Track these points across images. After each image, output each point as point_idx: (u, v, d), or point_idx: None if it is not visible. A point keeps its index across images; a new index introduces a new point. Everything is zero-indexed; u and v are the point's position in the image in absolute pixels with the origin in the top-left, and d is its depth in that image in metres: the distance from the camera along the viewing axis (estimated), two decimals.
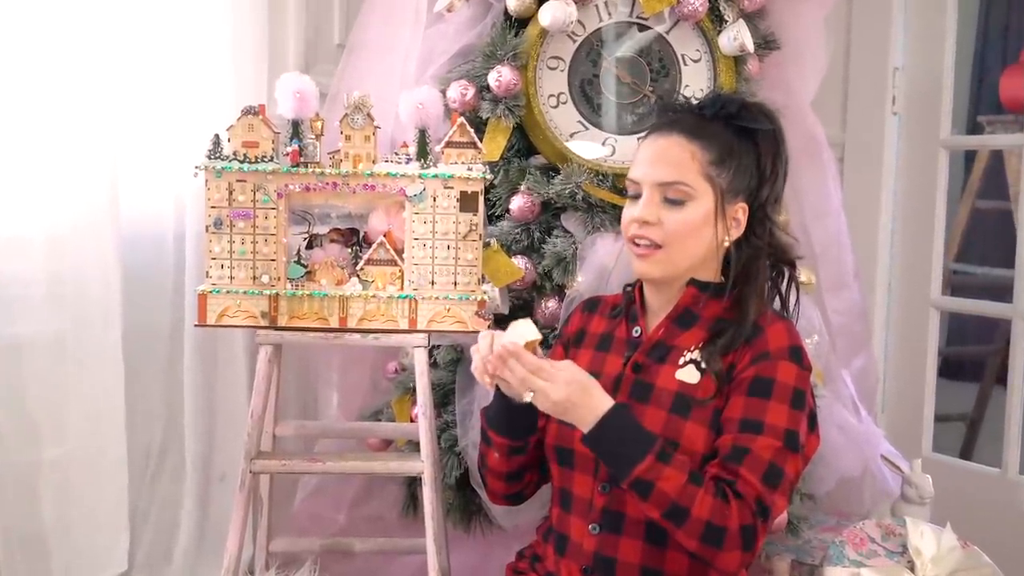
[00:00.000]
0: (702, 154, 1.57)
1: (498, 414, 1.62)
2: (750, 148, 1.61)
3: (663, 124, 1.64)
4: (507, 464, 1.66)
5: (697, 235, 1.58)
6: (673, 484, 1.42)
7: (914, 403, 2.84)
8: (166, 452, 2.29)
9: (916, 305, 2.82)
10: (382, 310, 1.89)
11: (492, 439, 1.65)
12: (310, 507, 2.44)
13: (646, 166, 1.60)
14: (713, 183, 1.58)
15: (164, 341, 2.27)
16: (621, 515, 1.56)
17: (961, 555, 1.90)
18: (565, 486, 1.63)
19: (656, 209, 1.58)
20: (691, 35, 2.20)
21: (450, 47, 2.21)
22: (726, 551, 1.44)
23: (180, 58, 2.21)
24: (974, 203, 3.70)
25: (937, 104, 2.72)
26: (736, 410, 1.52)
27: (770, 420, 1.50)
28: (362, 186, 1.87)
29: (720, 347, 1.57)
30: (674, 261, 1.59)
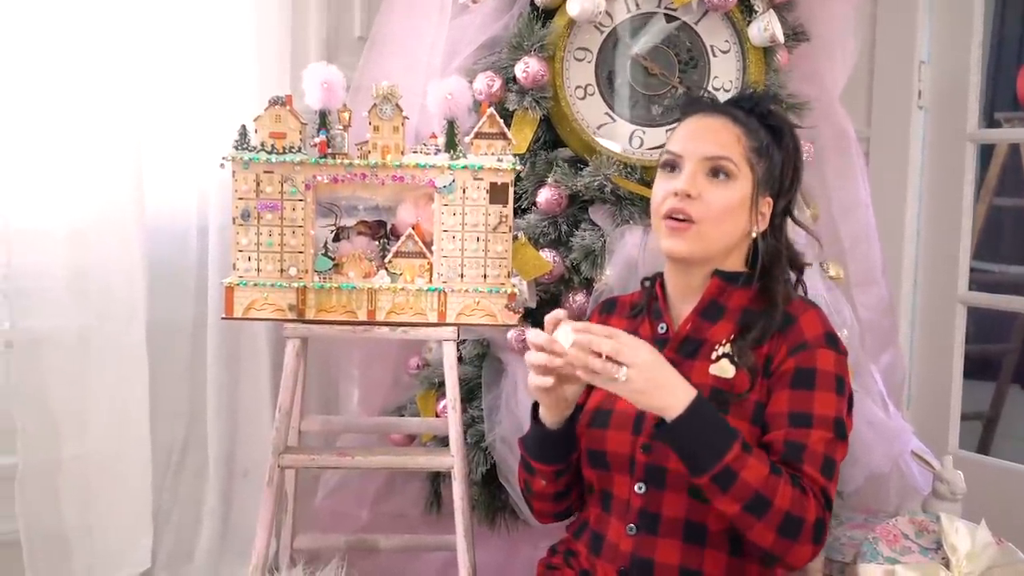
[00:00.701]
0: (744, 138, 1.57)
1: (538, 442, 1.60)
2: (778, 149, 1.61)
3: (705, 107, 1.63)
4: (554, 486, 1.63)
5: (734, 217, 1.57)
6: (757, 474, 1.39)
7: (940, 400, 2.81)
8: (188, 449, 2.28)
9: (942, 301, 2.79)
10: (411, 303, 1.86)
11: (536, 468, 1.62)
12: (332, 504, 2.42)
13: (691, 140, 1.58)
14: (753, 169, 1.57)
15: (187, 336, 2.26)
16: (657, 516, 1.53)
17: (996, 551, 1.88)
18: (605, 487, 1.60)
19: (700, 183, 1.55)
20: (720, 25, 2.18)
21: (476, 38, 2.19)
22: (801, 543, 1.42)
23: (204, 51, 2.21)
24: (991, 200, 3.67)
25: (964, 98, 2.69)
26: (782, 404, 1.50)
27: (818, 411, 1.49)
28: (391, 177, 1.85)
29: (751, 340, 1.55)
30: (706, 240, 1.56)
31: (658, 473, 1.53)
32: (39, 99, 1.97)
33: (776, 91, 2.23)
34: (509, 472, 2.09)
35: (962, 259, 2.75)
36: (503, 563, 2.19)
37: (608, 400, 1.59)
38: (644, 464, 1.54)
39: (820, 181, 2.37)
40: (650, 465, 1.53)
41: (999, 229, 3.94)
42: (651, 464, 1.53)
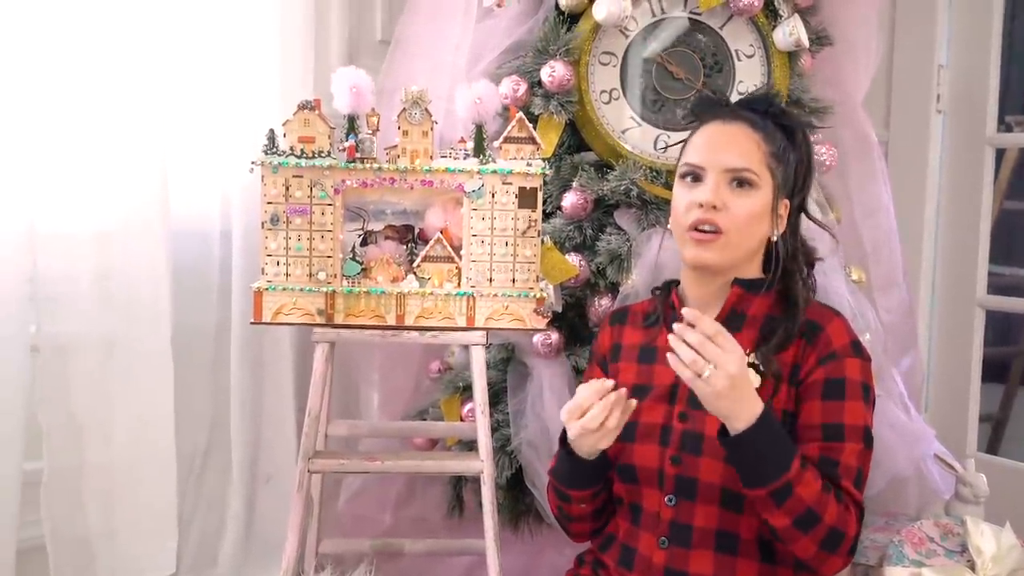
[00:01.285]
0: (764, 145, 1.56)
1: (573, 473, 1.58)
2: (793, 149, 1.60)
3: (724, 113, 1.61)
4: (592, 505, 1.63)
5: (758, 224, 1.56)
6: (811, 491, 1.40)
7: (958, 402, 2.81)
8: (211, 453, 2.27)
9: (961, 304, 2.79)
10: (439, 307, 1.86)
11: (571, 495, 1.61)
12: (354, 508, 2.42)
13: (713, 151, 1.56)
14: (773, 175, 1.56)
15: (210, 341, 2.25)
16: (689, 528, 1.53)
17: (1021, 554, 1.88)
18: (634, 500, 1.59)
19: (724, 194, 1.53)
20: (745, 30, 2.18)
21: (501, 42, 2.20)
22: (838, 555, 1.45)
23: (227, 55, 2.20)
24: (1002, 203, 3.68)
25: (983, 102, 2.70)
26: (815, 415, 1.51)
27: (849, 421, 1.50)
28: (420, 182, 1.84)
29: (773, 347, 1.54)
30: (733, 249, 1.55)
31: (688, 484, 1.53)
32: (64, 103, 1.96)
33: (800, 95, 2.24)
34: (535, 476, 2.09)
35: (980, 262, 2.76)
36: (527, 567, 2.19)
37: (634, 413, 1.55)
38: (674, 476, 1.53)
39: (842, 185, 2.38)
40: (680, 477, 1.53)
41: (1010, 232, 3.95)
42: (681, 476, 1.53)
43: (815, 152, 2.18)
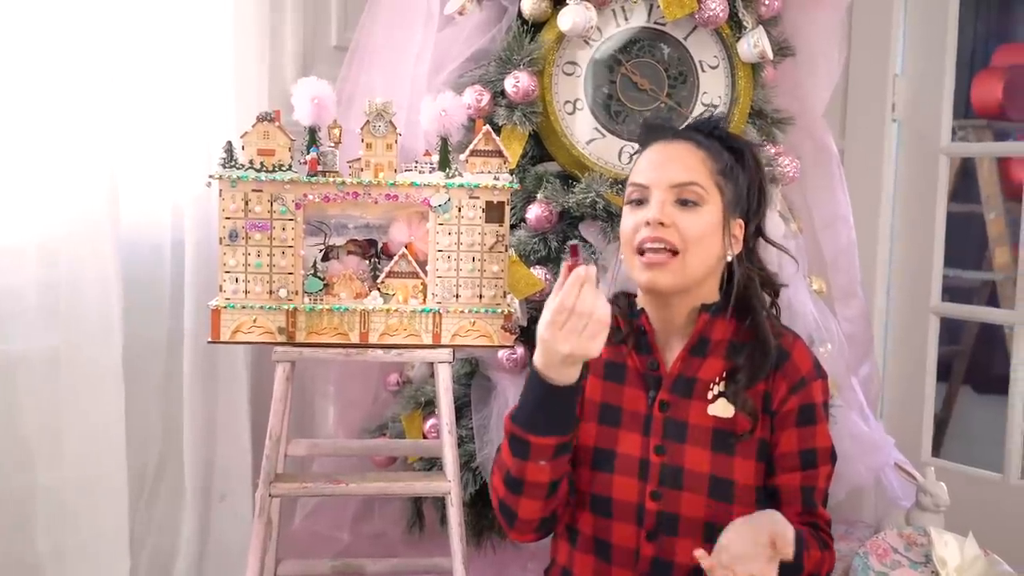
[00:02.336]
0: (709, 161, 1.52)
1: (544, 408, 1.40)
2: (743, 169, 1.58)
3: (667, 133, 1.58)
4: (552, 471, 1.45)
5: (710, 242, 1.51)
6: (812, 561, 1.46)
7: (913, 408, 2.85)
8: (163, 473, 2.20)
9: (916, 311, 2.82)
10: (404, 324, 1.82)
11: (532, 444, 1.42)
12: (311, 526, 2.38)
13: (656, 169, 1.52)
14: (721, 191, 1.52)
15: (161, 356, 2.18)
16: (671, 564, 1.50)
17: (984, 564, 1.90)
18: (600, 536, 1.54)
19: (670, 211, 1.49)
20: (709, 41, 2.17)
21: (463, 51, 2.16)
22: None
23: (179, 60, 2.13)
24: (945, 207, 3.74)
25: (937, 111, 2.72)
26: (792, 443, 1.51)
27: (821, 444, 1.53)
28: (384, 196, 1.79)
29: (745, 383, 1.52)
30: (689, 269, 1.50)
31: (670, 521, 1.49)
32: (6, 108, 1.89)
33: (762, 106, 2.24)
34: None
35: (935, 269, 2.79)
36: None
37: (607, 439, 1.54)
38: (655, 512, 1.50)
39: (802, 196, 2.38)
40: (661, 513, 1.49)
41: (952, 236, 4.02)
42: (662, 512, 1.49)
43: (778, 163, 2.20)
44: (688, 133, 1.57)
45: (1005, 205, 3.66)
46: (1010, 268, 3.62)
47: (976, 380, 4.14)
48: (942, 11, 2.70)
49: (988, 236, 3.72)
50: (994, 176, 3.64)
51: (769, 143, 2.25)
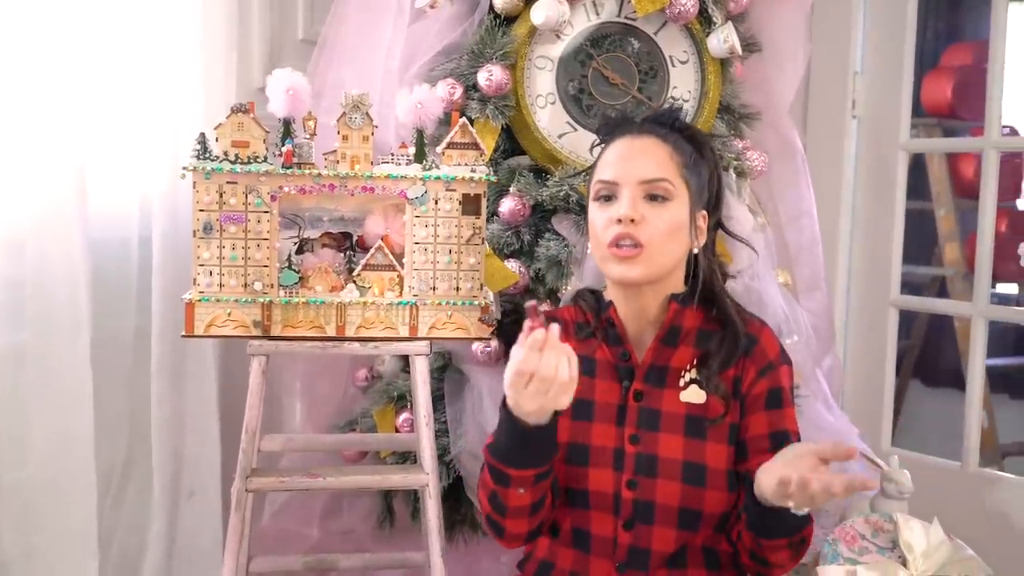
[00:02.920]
0: (675, 155, 1.54)
1: (519, 445, 1.43)
2: (704, 161, 1.60)
3: (631, 128, 1.59)
4: (532, 495, 1.48)
5: (678, 236, 1.54)
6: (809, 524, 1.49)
7: (873, 399, 2.90)
8: (130, 470, 2.16)
9: (876, 304, 2.88)
10: (381, 317, 1.81)
11: (512, 476, 1.45)
12: (280, 523, 2.35)
13: (625, 165, 1.54)
14: (688, 185, 1.55)
15: (128, 351, 2.14)
16: (647, 552, 1.52)
17: (949, 548, 1.94)
18: (579, 526, 1.56)
19: (641, 207, 1.51)
20: (679, 36, 2.19)
21: (434, 45, 2.15)
22: (800, 557, 1.51)
23: (146, 52, 2.10)
24: None
25: (896, 108, 2.78)
26: (761, 427, 1.54)
27: (790, 427, 1.56)
28: (361, 188, 1.79)
29: (718, 367, 1.55)
30: (656, 262, 1.52)
31: (646, 509, 1.52)
32: None
33: (730, 101, 2.27)
34: (475, 485, 2.05)
35: (894, 263, 2.85)
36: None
37: (581, 433, 1.56)
38: (631, 501, 1.52)
39: (768, 190, 2.42)
40: (637, 501, 1.52)
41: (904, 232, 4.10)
42: (638, 500, 1.52)
43: (746, 158, 2.23)
44: (651, 127, 1.58)
45: (955, 202, 3.75)
46: (960, 264, 3.71)
47: (926, 374, 4.24)
48: (900, 11, 2.76)
49: (938, 233, 3.81)
50: (944, 174, 3.72)
51: (737, 138, 2.28)
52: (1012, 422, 3.82)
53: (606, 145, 1.61)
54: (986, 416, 2.90)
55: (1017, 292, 3.91)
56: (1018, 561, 2.48)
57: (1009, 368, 4.02)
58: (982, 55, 3.56)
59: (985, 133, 2.64)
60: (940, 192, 3.73)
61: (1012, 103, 2.79)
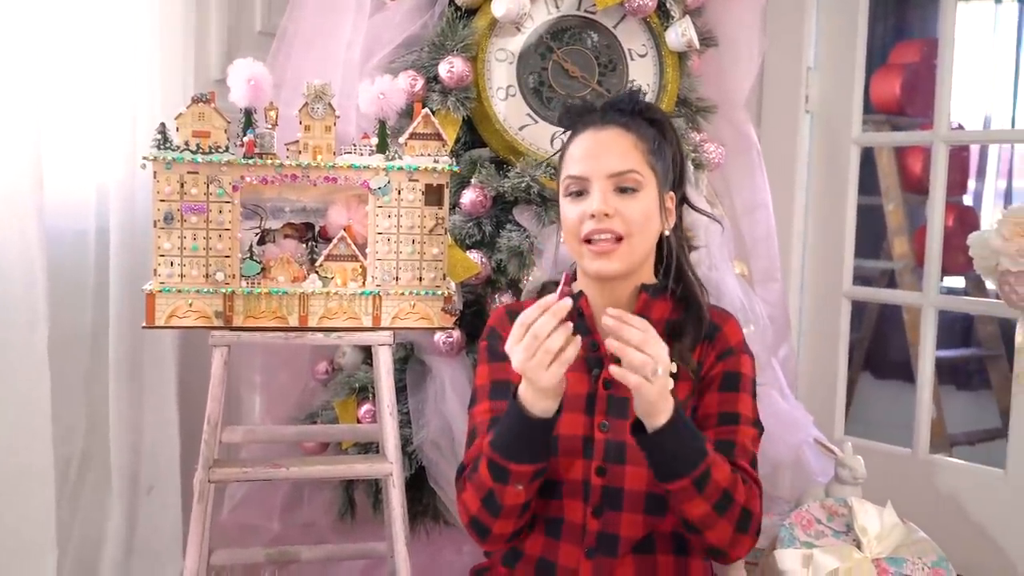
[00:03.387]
0: (640, 143, 1.56)
1: (525, 439, 1.45)
2: (666, 142, 1.62)
3: (594, 120, 1.60)
4: (527, 493, 1.50)
5: (651, 224, 1.56)
6: (724, 473, 1.44)
7: (827, 389, 2.96)
8: (88, 464, 2.14)
9: (829, 295, 2.93)
10: (344, 307, 1.81)
11: (513, 471, 1.45)
12: (240, 517, 2.33)
13: (592, 159, 1.55)
14: (655, 171, 1.57)
15: (85, 344, 2.12)
16: (616, 537, 1.54)
17: (902, 531, 1.99)
18: (549, 513, 1.57)
19: (612, 200, 1.53)
20: (638, 30, 2.22)
21: (395, 37, 2.16)
22: (749, 536, 1.48)
23: (103, 42, 2.08)
24: None
25: (848, 103, 2.83)
26: (712, 406, 1.57)
27: (742, 411, 1.57)
28: (323, 179, 1.79)
29: (689, 344, 1.57)
30: (635, 253, 1.55)
31: (614, 495, 1.53)
32: None
33: (687, 94, 2.30)
34: (439, 475, 2.07)
35: (847, 255, 2.90)
36: (427, 567, 2.16)
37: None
38: (600, 488, 1.54)
39: (724, 183, 2.45)
40: (606, 488, 1.54)
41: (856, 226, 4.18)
42: (607, 486, 1.54)
43: (704, 150, 2.26)
44: (614, 116, 1.59)
45: (903, 197, 3.82)
46: (908, 257, 3.78)
47: (875, 366, 4.31)
48: (852, 7, 2.81)
49: (887, 227, 3.89)
50: (893, 169, 3.79)
51: (694, 130, 2.31)
52: (959, 412, 3.91)
53: (571, 137, 1.62)
54: (934, 407, 2.96)
55: (964, 285, 4.00)
56: (967, 542, 2.54)
57: (956, 360, 4.09)
58: (930, 52, 3.66)
59: (935, 127, 2.70)
60: (889, 187, 3.80)
61: (959, 100, 2.85)
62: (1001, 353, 3.85)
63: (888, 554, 1.94)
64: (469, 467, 1.55)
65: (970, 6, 4.43)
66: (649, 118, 1.61)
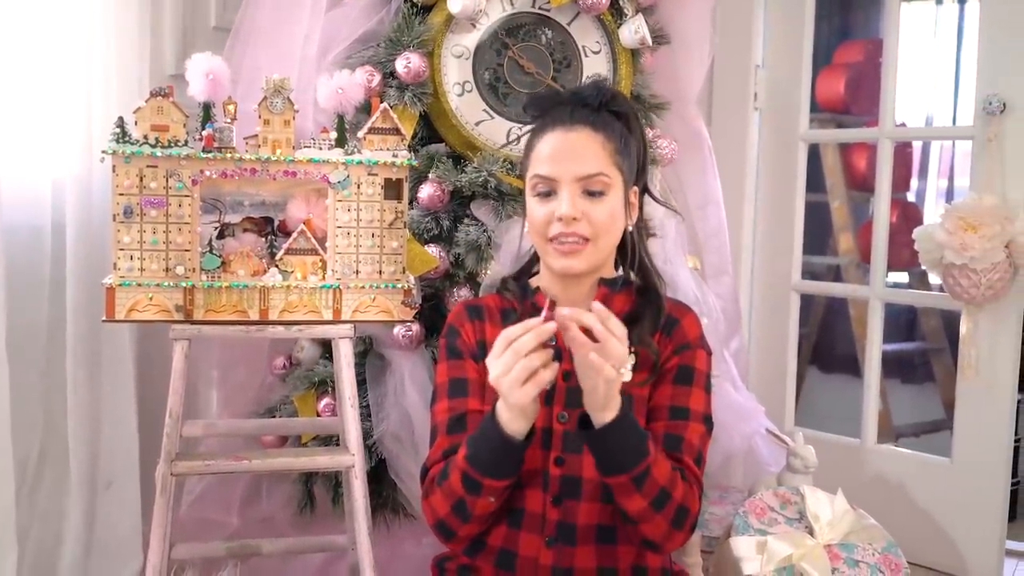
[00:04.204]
0: (608, 144, 1.57)
1: (502, 456, 1.47)
2: (631, 135, 1.63)
3: (562, 118, 1.59)
4: (498, 502, 1.52)
5: (616, 224, 1.58)
6: (664, 471, 1.45)
7: (777, 380, 3.02)
8: (45, 460, 2.12)
9: (778, 289, 2.99)
10: (304, 301, 1.82)
11: (487, 486, 1.48)
12: (198, 512, 2.33)
13: (562, 161, 1.55)
14: (621, 171, 1.58)
15: (42, 340, 2.10)
16: (573, 526, 1.56)
17: (853, 517, 2.05)
18: (510, 504, 1.58)
19: (580, 203, 1.54)
20: (591, 27, 2.25)
21: (352, 32, 2.17)
22: (684, 532, 1.50)
23: (57, 37, 2.06)
24: None
25: (796, 100, 2.89)
26: (664, 398, 1.58)
27: (694, 406, 1.58)
28: (283, 173, 1.80)
29: (648, 328, 1.60)
30: (600, 253, 1.58)
31: (573, 485, 1.55)
32: None
33: (640, 91, 2.34)
34: (400, 468, 2.09)
35: (795, 249, 2.97)
36: (387, 559, 2.17)
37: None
38: (559, 477, 1.56)
39: (676, 178, 2.50)
40: (565, 477, 1.55)
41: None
42: (565, 476, 1.55)
43: (657, 146, 2.30)
44: (582, 115, 1.58)
45: (848, 194, 3.91)
46: (854, 253, 3.87)
47: (822, 361, 4.39)
48: (799, 7, 2.88)
49: (833, 223, 3.97)
50: (838, 166, 3.88)
51: (647, 126, 2.35)
52: (905, 405, 4.00)
53: (537, 131, 1.62)
54: (880, 400, 3.03)
55: (908, 280, 4.09)
56: (915, 528, 2.62)
57: (901, 354, 4.19)
58: (873, 52, 3.75)
59: (880, 124, 2.77)
60: (834, 184, 3.89)
61: (901, 100, 2.93)
62: (945, 347, 3.94)
63: (839, 540, 1.99)
64: (438, 473, 1.55)
65: (912, 7, 4.54)
66: (615, 111, 1.62)
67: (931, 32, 4.55)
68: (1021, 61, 2.48)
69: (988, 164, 2.49)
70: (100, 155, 1.74)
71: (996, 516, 2.58)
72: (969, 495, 2.61)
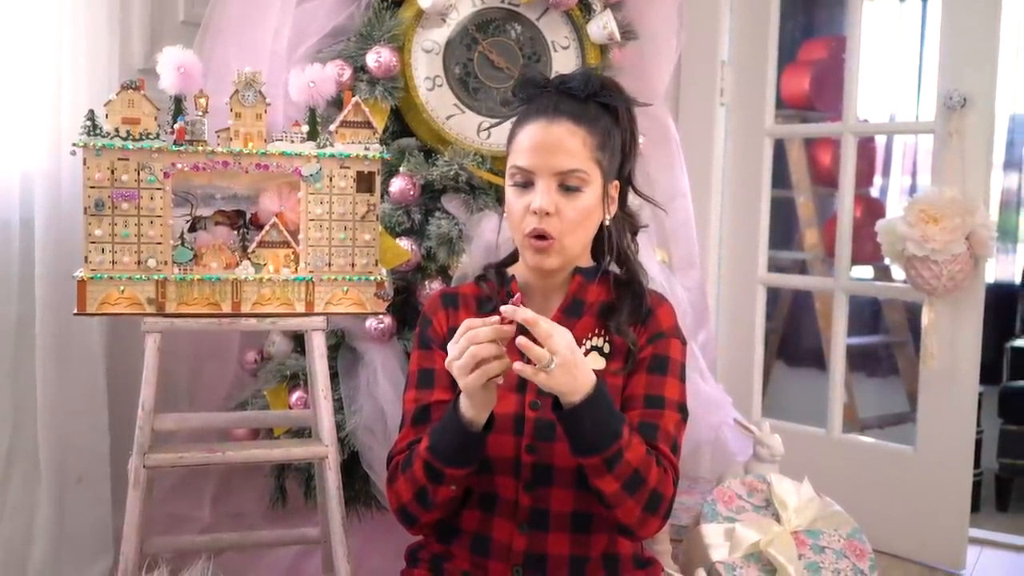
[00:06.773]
0: (589, 139, 1.57)
1: (460, 446, 1.49)
2: (617, 126, 1.63)
3: (546, 109, 1.58)
4: (459, 490, 1.55)
5: (590, 221, 1.59)
6: (637, 455, 1.46)
7: (744, 371, 3.06)
8: (15, 456, 2.12)
9: (745, 282, 3.03)
10: (277, 293, 1.83)
11: (448, 475, 1.50)
12: (168, 507, 2.32)
13: (541, 155, 1.56)
14: (601, 167, 1.59)
15: (11, 336, 2.10)
16: (547, 512, 1.57)
17: (819, 504, 2.08)
18: (485, 490, 1.60)
19: (556, 198, 1.55)
20: (560, 22, 2.27)
21: (322, 27, 2.18)
22: (657, 518, 1.51)
23: (25, 30, 2.05)
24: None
25: (761, 96, 2.93)
26: (639, 387, 1.59)
27: (668, 395, 1.59)
28: (255, 165, 1.80)
29: (627, 317, 1.61)
30: (572, 249, 1.59)
31: (545, 471, 1.57)
32: None
33: None
34: (373, 460, 2.09)
35: (761, 242, 3.01)
36: (360, 551, 2.18)
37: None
38: (530, 464, 1.57)
39: (644, 173, 2.52)
40: (536, 464, 1.57)
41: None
42: (537, 463, 1.57)
43: None
44: (566, 107, 1.58)
45: (813, 189, 3.97)
46: (819, 248, 3.93)
47: (788, 355, 4.45)
48: (764, 4, 2.92)
49: (799, 219, 4.03)
50: (803, 162, 3.93)
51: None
52: (869, 398, 4.07)
53: (521, 119, 1.62)
54: (846, 393, 3.08)
55: (872, 275, 4.15)
56: (879, 515, 2.66)
57: (866, 347, 4.25)
58: (837, 49, 3.80)
59: (844, 119, 2.82)
60: (799, 180, 3.94)
61: (864, 97, 2.98)
62: (908, 340, 4.01)
63: (806, 527, 2.02)
64: (402, 459, 1.57)
65: (875, 4, 4.60)
66: (603, 102, 1.61)
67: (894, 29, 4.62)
68: (981, 57, 2.53)
69: (949, 158, 2.54)
70: (71, 148, 1.73)
71: (960, 504, 2.63)
72: (933, 484, 2.66)
